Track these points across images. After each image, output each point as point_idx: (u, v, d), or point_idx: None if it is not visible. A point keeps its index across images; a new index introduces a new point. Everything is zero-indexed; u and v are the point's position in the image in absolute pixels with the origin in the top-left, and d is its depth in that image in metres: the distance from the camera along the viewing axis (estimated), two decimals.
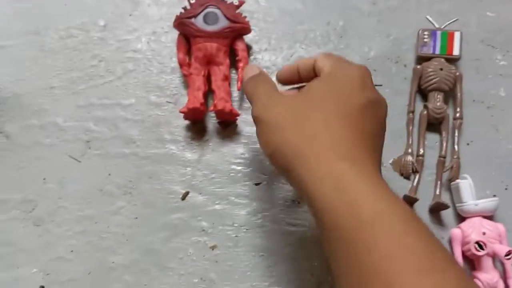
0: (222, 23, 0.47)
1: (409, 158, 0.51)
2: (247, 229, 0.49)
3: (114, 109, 0.53)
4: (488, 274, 0.47)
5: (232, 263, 0.48)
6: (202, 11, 0.47)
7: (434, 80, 0.52)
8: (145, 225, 0.49)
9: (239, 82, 0.49)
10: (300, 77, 0.40)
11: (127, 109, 0.53)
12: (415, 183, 0.50)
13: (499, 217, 0.50)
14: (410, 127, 0.53)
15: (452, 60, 0.54)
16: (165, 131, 0.52)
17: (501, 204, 0.49)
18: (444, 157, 0.51)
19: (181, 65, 0.49)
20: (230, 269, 0.48)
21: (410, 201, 0.49)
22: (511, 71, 0.56)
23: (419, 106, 0.54)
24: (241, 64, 0.49)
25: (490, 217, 0.49)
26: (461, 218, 0.50)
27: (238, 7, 0.49)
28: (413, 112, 0.53)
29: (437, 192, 0.50)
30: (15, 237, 0.48)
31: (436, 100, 0.52)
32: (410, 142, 0.52)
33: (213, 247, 0.48)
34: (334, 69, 0.36)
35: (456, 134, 0.52)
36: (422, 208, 0.50)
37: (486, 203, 0.48)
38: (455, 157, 0.51)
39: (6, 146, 0.51)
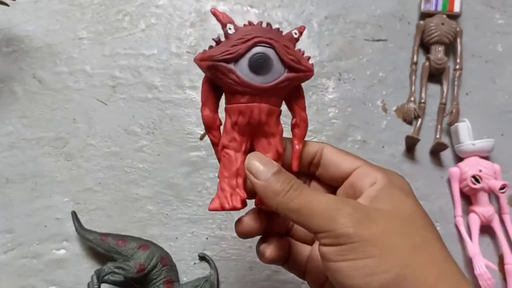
0: (278, 71, 0.30)
1: (412, 105, 0.55)
2: None
3: (138, 58, 0.57)
4: (484, 208, 0.50)
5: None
6: (248, 51, 0.29)
7: (435, 33, 0.56)
8: (167, 162, 0.53)
9: (294, 161, 0.33)
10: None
11: (150, 58, 0.57)
12: (417, 126, 0.54)
13: (494, 159, 0.54)
14: (413, 77, 0.57)
15: (453, 17, 0.58)
16: (185, 78, 0.56)
17: (497, 148, 0.53)
18: (445, 104, 0.55)
19: (208, 127, 0.32)
20: None
21: (412, 141, 0.53)
22: (508, 29, 0.60)
23: (421, 59, 0.58)
24: (298, 131, 0.33)
25: (486, 159, 0.53)
26: (459, 159, 0.54)
27: (297, 40, 0.31)
28: (416, 64, 0.57)
29: (437, 135, 0.54)
30: (48, 170, 0.52)
31: (438, 52, 0.56)
32: (413, 90, 0.56)
33: None
34: (388, 177, 0.30)
35: (456, 83, 0.56)
36: (423, 151, 0.54)
37: (483, 143, 0.52)
38: (454, 103, 0.55)
39: (39, 90, 0.55)
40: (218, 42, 0.30)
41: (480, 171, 0.51)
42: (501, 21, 0.60)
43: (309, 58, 0.31)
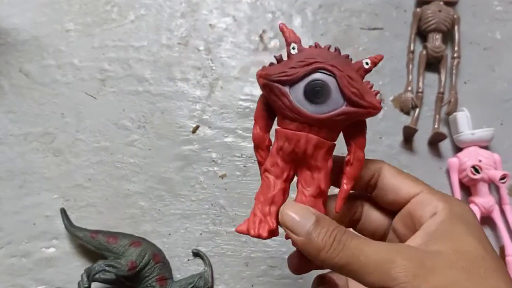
0: (335, 103, 0.27)
1: (409, 95, 0.54)
2: (255, 160, 0.51)
3: (127, 50, 0.55)
4: (484, 199, 0.49)
5: (240, 190, 0.51)
6: (306, 76, 0.27)
7: (433, 21, 0.55)
8: (158, 156, 0.51)
9: (339, 201, 0.29)
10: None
11: (140, 50, 0.55)
12: (415, 116, 0.53)
13: (494, 149, 0.52)
14: (410, 66, 0.55)
15: (450, 4, 0.56)
16: (176, 71, 0.55)
17: (497, 137, 0.52)
18: (443, 93, 0.54)
19: (256, 146, 0.30)
20: (238, 196, 0.50)
21: (410, 132, 0.51)
22: (507, 15, 0.58)
23: (418, 48, 0.56)
24: (350, 170, 0.29)
25: (485, 149, 0.52)
26: (458, 149, 0.52)
27: (367, 71, 0.28)
28: (412, 52, 0.56)
29: (436, 125, 0.52)
30: (37, 166, 0.51)
31: (435, 40, 0.55)
32: (410, 80, 0.55)
33: (222, 176, 0.51)
34: (450, 207, 0.27)
35: (454, 71, 0.54)
36: (421, 141, 0.53)
37: (482, 133, 0.50)
38: (453, 92, 0.53)
39: (26, 84, 0.54)
40: (279, 60, 0.28)
41: (480, 161, 0.49)
42: (500, 8, 0.59)
43: (377, 93, 0.28)
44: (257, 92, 0.54)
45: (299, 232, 0.26)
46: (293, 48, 0.27)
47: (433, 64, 0.55)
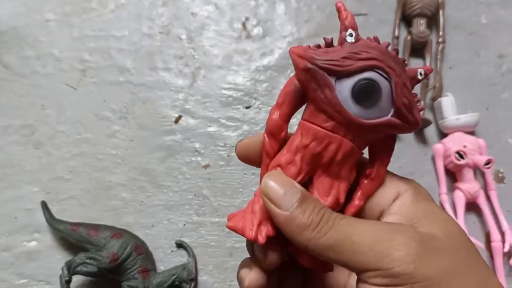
0: (382, 110, 0.23)
1: None
2: None
3: (108, 40, 0.55)
4: (469, 184, 0.49)
5: (224, 180, 0.50)
6: (359, 72, 0.22)
7: (417, 6, 0.54)
8: (141, 147, 0.51)
9: (352, 208, 0.25)
10: None
11: (121, 40, 0.55)
12: None
13: (480, 135, 0.52)
14: None
15: None
16: (158, 60, 0.54)
17: (482, 122, 0.52)
18: (428, 79, 0.53)
19: (271, 134, 0.25)
20: (222, 186, 0.50)
21: None
22: None
23: (403, 33, 0.56)
24: (368, 186, 0.25)
25: (471, 134, 0.51)
26: (443, 135, 0.52)
27: (419, 82, 0.24)
28: (397, 38, 0.55)
29: None
30: (17, 159, 0.50)
31: (420, 25, 0.54)
32: None
33: (206, 166, 0.51)
34: (414, 187, 0.24)
35: (439, 57, 0.54)
36: None
37: (467, 118, 0.50)
38: (437, 77, 0.53)
39: (5, 76, 0.53)
40: (329, 45, 0.23)
41: (465, 146, 0.49)
42: None
43: (422, 109, 0.24)
44: (240, 80, 0.53)
45: (283, 206, 0.22)
46: (350, 35, 0.23)
47: (418, 49, 0.55)
